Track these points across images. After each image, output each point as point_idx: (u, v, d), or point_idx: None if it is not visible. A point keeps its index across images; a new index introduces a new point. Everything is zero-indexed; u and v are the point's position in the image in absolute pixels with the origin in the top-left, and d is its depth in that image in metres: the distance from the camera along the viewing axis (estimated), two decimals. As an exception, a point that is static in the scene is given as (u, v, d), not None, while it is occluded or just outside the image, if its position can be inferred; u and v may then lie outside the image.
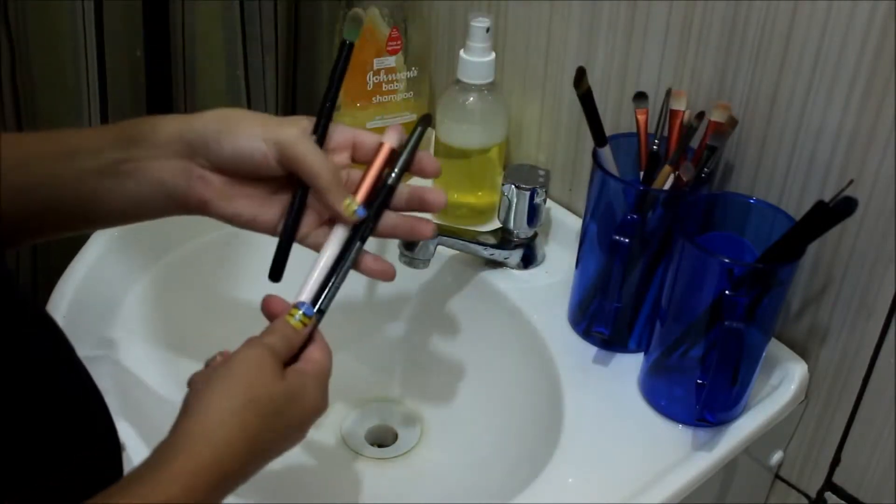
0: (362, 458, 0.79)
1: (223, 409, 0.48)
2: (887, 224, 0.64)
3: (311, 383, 0.52)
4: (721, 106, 0.68)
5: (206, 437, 0.47)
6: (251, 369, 0.50)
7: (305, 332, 0.54)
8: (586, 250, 0.74)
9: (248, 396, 0.49)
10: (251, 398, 0.49)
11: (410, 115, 0.90)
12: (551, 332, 0.76)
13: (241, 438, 0.48)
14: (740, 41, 0.68)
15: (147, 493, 0.44)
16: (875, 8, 0.59)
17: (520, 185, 0.78)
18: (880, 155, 0.62)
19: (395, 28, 0.86)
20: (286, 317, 0.54)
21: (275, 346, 0.52)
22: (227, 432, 0.47)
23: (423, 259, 0.78)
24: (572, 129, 0.84)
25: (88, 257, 0.79)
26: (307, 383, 0.52)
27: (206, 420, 0.48)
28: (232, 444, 0.47)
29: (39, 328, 0.50)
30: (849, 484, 0.74)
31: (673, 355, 0.67)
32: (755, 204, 0.67)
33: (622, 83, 0.77)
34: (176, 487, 0.45)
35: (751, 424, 0.68)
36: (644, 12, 0.73)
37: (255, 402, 0.49)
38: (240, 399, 0.49)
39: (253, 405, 0.49)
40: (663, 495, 0.63)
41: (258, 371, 0.50)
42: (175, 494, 0.44)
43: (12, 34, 0.79)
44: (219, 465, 0.46)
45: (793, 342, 0.73)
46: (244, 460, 0.48)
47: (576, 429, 0.68)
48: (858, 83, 0.62)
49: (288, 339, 0.53)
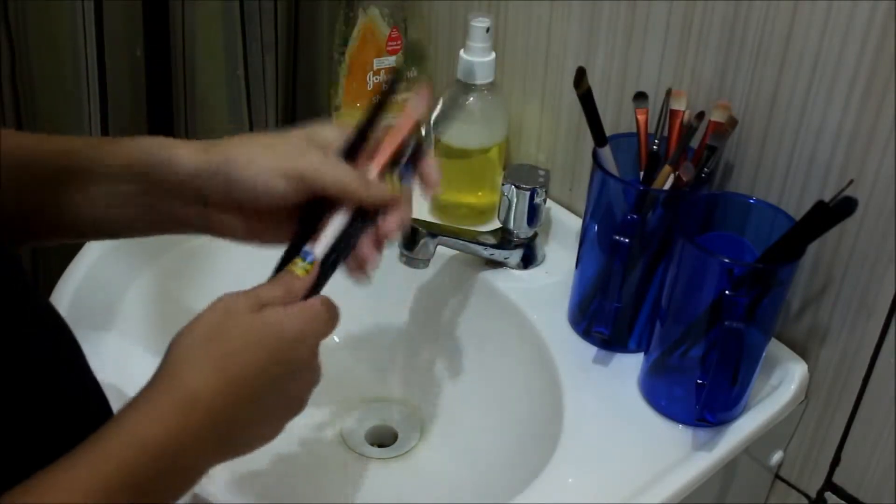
0: (362, 458, 0.79)
1: (189, 347, 0.47)
2: (887, 224, 0.64)
3: (291, 319, 0.50)
4: (721, 106, 0.68)
5: (171, 371, 0.46)
6: (217, 311, 0.49)
7: (308, 278, 0.52)
8: (586, 250, 0.74)
9: (213, 331, 0.48)
10: (215, 333, 0.48)
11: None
12: (551, 332, 0.76)
13: (203, 369, 0.46)
14: (740, 41, 0.68)
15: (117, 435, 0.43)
16: (875, 8, 0.59)
17: (520, 185, 0.78)
18: (880, 155, 0.62)
19: (395, 28, 0.86)
20: (290, 265, 0.52)
21: (259, 291, 0.50)
22: (191, 363, 0.46)
23: (423, 259, 0.78)
24: (572, 129, 0.84)
25: (88, 257, 0.79)
26: (283, 318, 0.50)
27: (174, 354, 0.47)
28: (195, 374, 0.46)
29: (40, 328, 0.50)
30: (849, 484, 0.74)
31: (673, 355, 0.67)
32: (755, 204, 0.67)
33: (622, 83, 0.77)
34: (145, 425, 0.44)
35: (751, 424, 0.68)
36: (644, 12, 0.73)
37: (220, 336, 0.48)
38: (205, 335, 0.48)
39: (218, 340, 0.47)
40: (663, 495, 0.63)
41: (228, 310, 0.49)
42: (146, 432, 0.44)
43: (12, 34, 0.79)
44: (187, 399, 0.45)
45: (793, 342, 0.73)
46: (212, 393, 0.46)
47: (576, 429, 0.68)
48: (858, 83, 0.62)
49: (287, 286, 0.51)
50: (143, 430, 0.44)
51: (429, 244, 0.78)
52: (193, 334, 0.48)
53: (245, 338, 0.48)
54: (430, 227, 0.78)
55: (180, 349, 0.48)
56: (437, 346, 0.85)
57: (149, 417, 0.44)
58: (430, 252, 0.78)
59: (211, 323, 0.49)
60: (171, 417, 0.45)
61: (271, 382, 0.49)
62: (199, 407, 0.46)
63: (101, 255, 0.80)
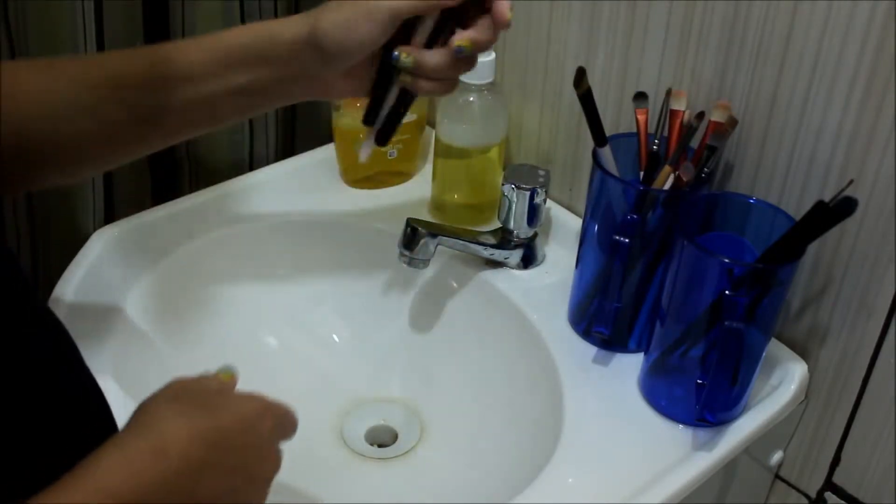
0: (362, 458, 0.79)
1: (157, 403, 0.47)
2: (887, 224, 0.64)
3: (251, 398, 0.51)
4: (721, 105, 0.68)
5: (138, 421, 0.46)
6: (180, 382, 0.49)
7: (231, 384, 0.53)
8: (586, 250, 0.74)
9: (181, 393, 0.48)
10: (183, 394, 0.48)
11: (411, 116, 0.90)
12: (551, 332, 0.76)
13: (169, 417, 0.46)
14: (740, 41, 0.68)
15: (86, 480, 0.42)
16: (875, 8, 0.59)
17: (520, 185, 0.78)
18: (880, 155, 0.62)
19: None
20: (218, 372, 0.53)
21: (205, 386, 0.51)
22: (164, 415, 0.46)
23: (423, 259, 0.78)
24: (572, 128, 0.84)
25: (88, 257, 0.80)
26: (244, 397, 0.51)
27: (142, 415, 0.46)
28: (173, 422, 0.45)
29: (40, 328, 0.50)
30: (849, 484, 0.74)
31: (673, 355, 0.67)
32: (755, 204, 0.67)
33: (622, 83, 0.77)
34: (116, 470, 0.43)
35: (751, 424, 0.68)
36: (644, 12, 0.73)
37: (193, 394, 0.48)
38: (170, 395, 0.48)
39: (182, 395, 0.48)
40: (663, 495, 0.63)
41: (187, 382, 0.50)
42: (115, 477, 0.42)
43: (12, 34, 0.79)
44: (163, 443, 0.44)
45: (793, 342, 0.73)
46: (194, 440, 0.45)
47: (576, 429, 0.68)
48: (858, 83, 0.62)
49: None
50: (112, 477, 0.42)
51: (429, 244, 0.78)
52: (164, 395, 0.48)
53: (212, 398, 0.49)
54: (430, 227, 0.78)
55: (151, 406, 0.47)
56: (437, 346, 0.85)
57: (118, 463, 0.43)
58: (430, 252, 0.78)
59: (179, 386, 0.49)
60: (141, 463, 0.43)
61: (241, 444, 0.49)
62: (172, 453, 0.44)
63: (101, 255, 0.80)
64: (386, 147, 0.69)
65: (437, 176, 0.88)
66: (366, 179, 0.92)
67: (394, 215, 0.83)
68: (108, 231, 0.82)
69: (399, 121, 0.67)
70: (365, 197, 0.90)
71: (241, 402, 0.50)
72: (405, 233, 0.77)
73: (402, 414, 0.83)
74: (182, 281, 0.82)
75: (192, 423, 0.46)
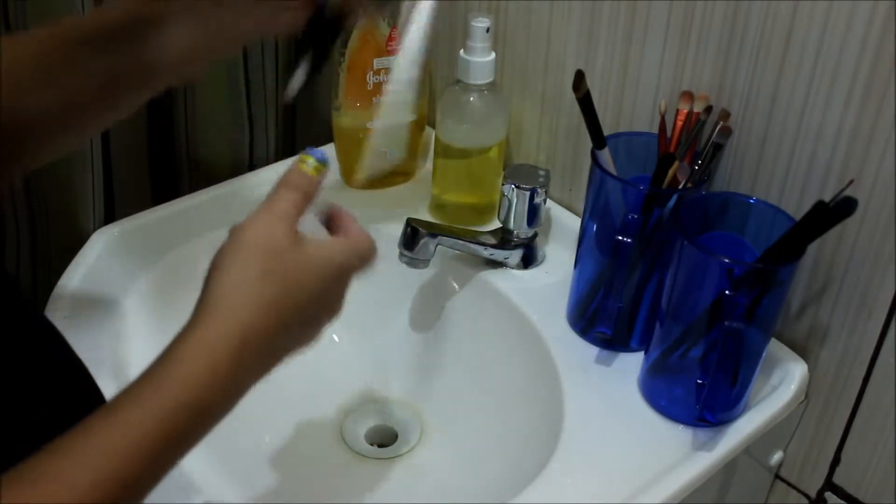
0: (362, 458, 0.79)
1: (239, 279, 0.47)
2: (887, 224, 0.64)
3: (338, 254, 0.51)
4: (701, 97, 0.69)
5: (222, 308, 0.46)
6: (263, 238, 0.49)
7: (320, 178, 0.52)
8: (585, 250, 0.74)
9: (264, 266, 0.48)
10: (266, 268, 0.48)
11: (411, 115, 0.90)
12: (551, 332, 0.76)
13: (259, 307, 0.47)
14: (740, 41, 0.68)
15: (169, 372, 0.44)
16: (875, 8, 0.59)
17: (520, 185, 0.78)
18: (880, 155, 0.62)
19: (395, 28, 0.86)
20: (298, 164, 0.52)
21: (285, 205, 0.51)
22: (243, 300, 0.46)
23: (422, 259, 0.78)
24: (572, 128, 0.84)
25: (88, 257, 0.80)
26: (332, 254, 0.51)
27: (222, 292, 0.47)
28: (251, 311, 0.46)
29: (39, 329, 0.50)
30: (849, 484, 0.74)
31: (673, 355, 0.67)
32: (755, 204, 0.67)
33: (622, 83, 0.77)
34: (198, 362, 0.44)
35: (751, 424, 0.68)
36: (644, 12, 0.73)
37: (270, 272, 0.48)
38: (255, 268, 0.47)
39: (270, 275, 0.48)
40: (663, 495, 0.63)
41: (271, 239, 0.49)
42: (198, 369, 0.44)
43: (12, 34, 0.79)
44: (240, 335, 0.45)
45: (793, 342, 0.73)
46: (266, 332, 0.47)
47: (576, 429, 0.68)
48: (858, 83, 0.62)
49: (302, 189, 0.52)
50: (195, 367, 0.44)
51: (429, 244, 0.78)
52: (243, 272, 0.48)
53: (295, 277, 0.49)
54: (430, 228, 0.78)
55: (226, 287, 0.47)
56: (437, 346, 0.85)
57: (200, 359, 0.45)
58: (430, 252, 0.78)
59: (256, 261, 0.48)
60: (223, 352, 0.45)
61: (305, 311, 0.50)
62: (244, 343, 0.46)
63: (101, 255, 0.80)
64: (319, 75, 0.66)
65: (437, 176, 0.88)
66: (366, 179, 0.92)
67: (394, 215, 0.83)
68: (108, 231, 0.82)
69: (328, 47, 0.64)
70: (365, 197, 0.90)
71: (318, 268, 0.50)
72: (405, 233, 0.77)
73: (402, 414, 0.83)
74: (182, 281, 0.82)
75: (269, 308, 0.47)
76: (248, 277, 0.47)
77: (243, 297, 0.47)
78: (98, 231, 0.83)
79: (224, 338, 0.45)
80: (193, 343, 0.45)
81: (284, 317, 0.48)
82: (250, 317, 0.46)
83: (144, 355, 0.76)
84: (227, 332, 0.45)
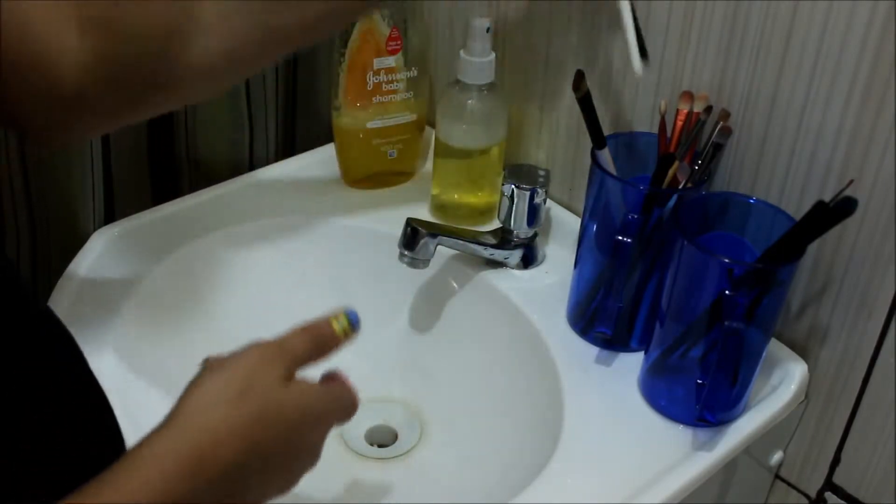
0: (362, 458, 0.79)
1: (214, 394, 0.46)
2: (887, 224, 0.64)
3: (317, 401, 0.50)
4: (701, 97, 0.68)
5: (188, 421, 0.45)
6: (254, 363, 0.48)
7: (344, 341, 0.52)
8: (585, 250, 0.74)
9: (242, 388, 0.47)
10: (244, 390, 0.47)
11: (410, 116, 0.90)
12: (551, 332, 0.76)
13: (226, 427, 0.45)
14: (740, 41, 0.68)
15: (121, 481, 0.42)
16: (875, 8, 0.59)
17: (520, 185, 0.78)
18: (880, 155, 0.62)
19: (395, 28, 0.86)
20: (330, 317, 0.52)
21: (294, 346, 0.50)
22: (210, 418, 0.45)
23: (423, 259, 0.78)
24: (572, 128, 0.84)
25: (88, 257, 0.80)
26: (310, 399, 0.50)
27: (194, 404, 0.46)
28: (215, 430, 0.45)
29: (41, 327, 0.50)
30: (849, 484, 0.74)
31: (673, 355, 0.67)
32: (755, 204, 0.67)
33: (622, 83, 0.77)
34: (149, 471, 0.43)
35: (751, 424, 0.68)
36: (644, 12, 0.73)
37: (247, 396, 0.47)
38: (234, 389, 0.47)
39: (246, 399, 0.47)
40: (663, 495, 0.63)
41: (261, 367, 0.48)
42: (148, 477, 0.42)
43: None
44: (196, 450, 0.44)
45: (793, 342, 0.73)
46: (234, 457, 0.45)
47: (576, 429, 0.68)
48: (858, 83, 0.62)
49: (320, 342, 0.52)
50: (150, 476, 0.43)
51: (429, 244, 0.78)
52: (218, 391, 0.47)
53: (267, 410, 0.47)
54: (430, 228, 0.78)
55: (199, 404, 0.46)
56: (437, 346, 0.85)
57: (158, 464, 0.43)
58: (430, 252, 0.78)
59: (236, 383, 0.47)
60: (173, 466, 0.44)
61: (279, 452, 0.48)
62: (199, 457, 0.44)
63: (101, 255, 0.80)
64: None
65: (437, 176, 0.88)
66: (366, 179, 0.92)
67: (394, 215, 0.83)
68: (108, 231, 0.82)
69: None
70: (365, 197, 0.90)
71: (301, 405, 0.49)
72: (405, 233, 0.77)
73: (402, 414, 0.83)
74: (182, 281, 0.82)
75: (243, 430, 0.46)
76: (223, 396, 0.46)
77: (211, 415, 0.46)
78: (98, 231, 0.83)
79: (180, 452, 0.44)
80: (151, 452, 0.44)
81: (258, 445, 0.46)
82: (211, 436, 0.45)
83: (144, 356, 0.76)
84: (183, 446, 0.44)
